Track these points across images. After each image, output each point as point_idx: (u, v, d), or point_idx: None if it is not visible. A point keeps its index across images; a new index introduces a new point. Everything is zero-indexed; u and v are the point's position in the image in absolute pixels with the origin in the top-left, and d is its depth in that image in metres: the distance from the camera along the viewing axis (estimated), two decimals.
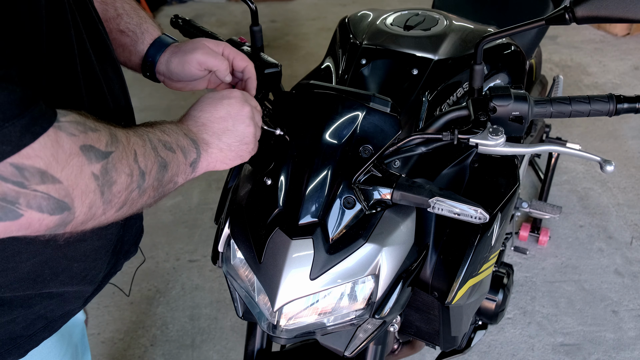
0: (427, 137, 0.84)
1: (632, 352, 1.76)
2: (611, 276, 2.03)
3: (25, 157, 0.46)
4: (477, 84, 0.90)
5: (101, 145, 0.53)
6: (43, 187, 0.48)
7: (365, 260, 0.80)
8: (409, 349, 1.28)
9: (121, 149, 0.56)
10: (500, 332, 1.85)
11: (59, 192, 0.49)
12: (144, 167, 0.59)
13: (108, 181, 0.54)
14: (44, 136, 0.47)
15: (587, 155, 0.77)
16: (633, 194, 2.40)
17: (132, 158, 0.57)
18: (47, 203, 0.49)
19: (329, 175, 0.80)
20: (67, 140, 0.49)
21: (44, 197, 0.48)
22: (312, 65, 1.32)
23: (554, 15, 0.77)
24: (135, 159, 0.58)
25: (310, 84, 0.86)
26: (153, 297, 2.04)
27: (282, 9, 4.53)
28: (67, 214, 0.51)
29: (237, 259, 0.90)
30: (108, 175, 0.54)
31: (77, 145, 0.50)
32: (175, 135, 0.66)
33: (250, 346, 1.10)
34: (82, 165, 0.50)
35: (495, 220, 0.97)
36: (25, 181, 0.47)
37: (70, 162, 0.49)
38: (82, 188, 0.51)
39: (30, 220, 0.49)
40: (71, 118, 0.51)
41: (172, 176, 0.65)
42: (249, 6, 1.01)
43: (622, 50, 3.51)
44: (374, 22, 1.23)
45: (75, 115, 0.52)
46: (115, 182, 0.55)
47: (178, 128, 0.68)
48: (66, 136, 0.49)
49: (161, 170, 0.62)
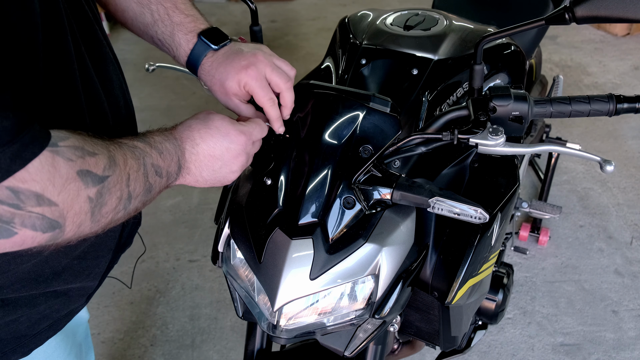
0: (427, 137, 0.84)
1: (632, 352, 1.76)
2: (611, 276, 2.03)
3: (21, 180, 0.47)
4: (477, 84, 0.90)
5: (98, 170, 0.54)
6: (38, 209, 0.49)
7: (365, 260, 0.80)
8: (409, 349, 1.28)
9: (117, 172, 0.57)
10: (500, 332, 1.85)
11: (54, 213, 0.50)
12: (133, 190, 0.60)
13: (100, 203, 0.55)
14: (41, 161, 0.48)
15: (587, 155, 0.77)
16: (633, 194, 2.40)
17: (125, 182, 0.58)
18: (40, 223, 0.50)
19: (329, 175, 0.80)
20: (65, 166, 0.50)
21: (38, 217, 0.49)
22: (312, 65, 1.32)
23: (554, 15, 0.77)
24: (128, 182, 0.59)
25: (310, 84, 0.86)
26: (153, 297, 2.04)
27: (282, 9, 4.53)
28: (58, 231, 0.52)
29: (237, 259, 0.90)
30: (102, 198, 0.55)
31: (74, 170, 0.51)
32: (169, 160, 0.67)
33: (250, 346, 1.10)
34: (78, 189, 0.51)
35: (495, 220, 0.97)
36: (21, 203, 0.48)
37: (67, 186, 0.50)
38: (76, 210, 0.52)
39: (24, 238, 0.50)
40: (69, 143, 0.52)
41: (152, 198, 0.66)
42: (249, 6, 1.01)
43: (622, 50, 3.51)
44: (374, 22, 1.23)
45: (74, 139, 0.52)
46: (106, 204, 0.56)
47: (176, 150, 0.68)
48: (64, 161, 0.50)
49: (146, 194, 0.63)
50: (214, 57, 0.82)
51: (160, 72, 1.14)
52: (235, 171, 0.76)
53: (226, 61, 0.81)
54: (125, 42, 3.95)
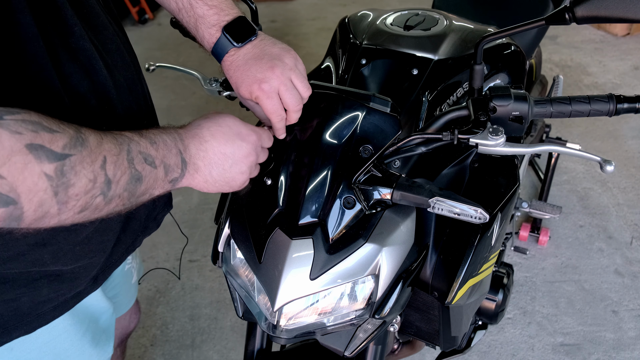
0: (427, 137, 0.84)
1: (632, 352, 1.76)
2: (611, 276, 2.03)
3: None
4: (477, 84, 0.90)
5: (56, 147, 0.53)
6: None
7: (365, 260, 0.80)
8: (409, 349, 1.28)
9: (85, 153, 0.55)
10: (500, 332, 1.85)
11: (3, 187, 0.49)
12: (112, 175, 0.59)
13: (64, 183, 0.54)
14: None
15: (587, 155, 0.77)
16: (633, 194, 2.40)
17: (99, 165, 0.57)
18: None
19: (329, 175, 0.80)
20: (9, 138, 0.49)
21: None
22: (312, 65, 1.32)
23: (554, 15, 0.77)
24: (103, 166, 0.57)
25: (310, 84, 0.86)
26: (153, 297, 2.04)
27: (282, 9, 4.53)
28: (13, 208, 0.51)
29: (237, 259, 0.90)
30: (65, 177, 0.54)
31: (21, 143, 0.50)
32: (165, 151, 0.65)
33: (250, 346, 1.10)
34: (27, 163, 0.51)
35: (495, 220, 0.97)
36: None
37: (13, 159, 0.50)
38: (29, 185, 0.51)
39: None
40: (19, 117, 0.51)
41: (147, 189, 0.65)
42: (249, 6, 1.01)
43: (622, 50, 3.51)
44: (374, 22, 1.23)
45: (28, 115, 0.52)
46: (73, 184, 0.55)
47: (175, 142, 0.67)
48: (8, 134, 0.49)
49: (133, 182, 0.62)
50: (235, 55, 0.79)
51: (160, 72, 1.14)
52: (245, 172, 0.75)
53: (244, 66, 0.78)
54: None
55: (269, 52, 0.79)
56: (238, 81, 0.79)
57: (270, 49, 0.79)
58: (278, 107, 0.78)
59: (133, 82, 0.80)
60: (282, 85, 0.77)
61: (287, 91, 0.78)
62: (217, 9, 0.79)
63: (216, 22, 0.79)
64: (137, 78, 0.83)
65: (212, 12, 0.79)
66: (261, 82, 0.76)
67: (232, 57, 0.79)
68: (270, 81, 0.76)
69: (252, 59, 0.78)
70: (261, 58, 0.78)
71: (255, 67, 0.77)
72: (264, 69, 0.77)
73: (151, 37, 4.17)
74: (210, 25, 0.79)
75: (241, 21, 0.79)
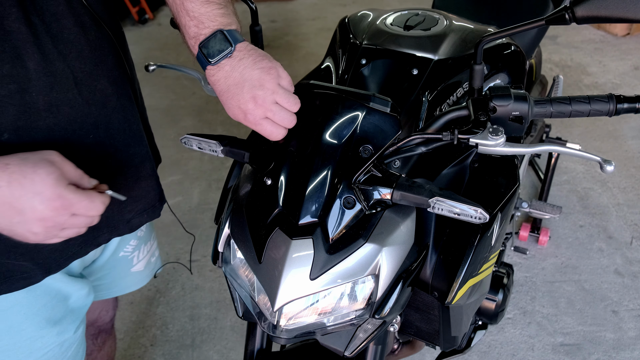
0: (427, 137, 0.84)
1: (632, 352, 1.76)
2: (611, 276, 2.03)
3: None
4: (477, 84, 0.90)
5: None
6: None
7: (365, 260, 0.80)
8: (409, 349, 1.28)
9: None
10: (500, 332, 1.85)
11: None
12: None
13: None
14: None
15: (587, 155, 0.77)
16: (633, 194, 2.40)
17: None
18: None
19: (329, 175, 0.80)
20: None
21: None
22: (312, 65, 1.32)
23: (554, 15, 0.77)
24: None
25: (310, 84, 0.86)
26: (153, 297, 2.04)
27: (282, 9, 4.53)
28: None
29: (237, 259, 0.90)
30: None
31: None
32: None
33: (250, 346, 1.10)
34: None
35: (495, 220, 0.97)
36: None
37: None
38: None
39: None
40: None
41: None
42: (249, 6, 1.01)
43: (622, 50, 3.51)
44: (374, 22, 1.23)
45: None
46: None
47: None
48: None
49: None
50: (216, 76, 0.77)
51: (160, 72, 1.14)
52: (38, 233, 0.67)
53: (227, 93, 0.77)
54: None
55: (248, 78, 0.76)
56: (224, 104, 0.79)
57: (250, 73, 0.76)
58: (271, 129, 0.79)
59: (86, 76, 0.78)
60: (268, 112, 0.77)
61: (275, 115, 0.78)
62: (196, 21, 0.76)
63: (194, 35, 0.77)
64: (97, 73, 0.80)
65: (192, 23, 0.77)
66: (246, 114, 0.77)
67: (213, 76, 0.78)
68: (254, 112, 0.77)
69: (234, 86, 0.76)
70: (242, 86, 0.76)
71: (237, 97, 0.76)
72: (246, 100, 0.76)
73: (151, 37, 4.17)
74: (190, 37, 0.78)
75: (217, 37, 0.76)
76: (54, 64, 0.73)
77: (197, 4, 0.76)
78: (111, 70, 0.84)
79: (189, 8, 0.76)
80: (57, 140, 0.76)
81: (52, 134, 0.76)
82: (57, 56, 0.74)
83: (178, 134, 2.93)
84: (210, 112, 3.13)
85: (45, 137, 0.75)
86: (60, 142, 0.76)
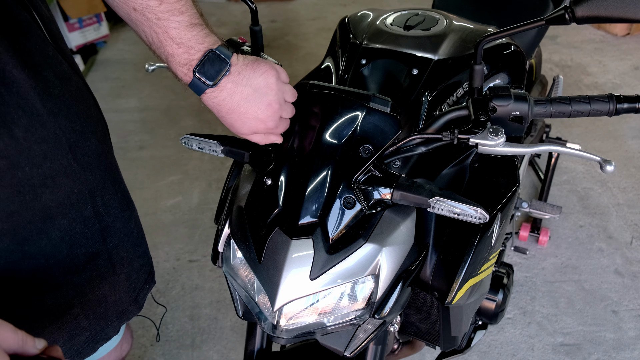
0: (427, 137, 0.84)
1: (632, 352, 1.76)
2: (611, 276, 2.03)
3: None
4: (477, 84, 0.90)
5: None
6: None
7: (365, 260, 0.80)
8: (409, 349, 1.28)
9: None
10: (500, 332, 1.85)
11: None
12: None
13: None
14: None
15: (587, 155, 0.77)
16: (633, 194, 2.40)
17: None
18: None
19: (328, 175, 0.80)
20: None
21: None
22: (312, 65, 1.32)
23: (554, 15, 0.77)
24: None
25: (310, 84, 0.86)
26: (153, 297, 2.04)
27: (282, 9, 4.53)
28: None
29: (237, 259, 0.90)
30: None
31: None
32: None
33: (250, 346, 1.10)
34: None
35: (495, 220, 0.97)
36: None
37: None
38: None
39: None
40: None
41: None
42: (249, 6, 1.00)
43: (622, 50, 3.51)
44: (374, 22, 1.23)
45: None
46: None
47: None
48: None
49: None
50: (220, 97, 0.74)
51: (160, 72, 1.14)
52: None
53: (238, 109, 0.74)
54: (125, 42, 3.95)
55: (256, 88, 0.74)
56: (234, 122, 0.76)
57: (256, 82, 0.74)
58: (285, 126, 0.80)
59: (78, 136, 0.70)
60: (282, 112, 0.78)
61: (286, 111, 0.79)
62: (186, 47, 0.71)
63: (186, 62, 0.72)
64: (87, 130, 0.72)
65: (181, 50, 0.71)
66: (265, 122, 0.77)
67: (215, 99, 0.74)
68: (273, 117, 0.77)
69: (244, 101, 0.74)
70: (253, 98, 0.74)
71: (252, 109, 0.75)
72: (263, 109, 0.75)
73: None
74: (180, 65, 0.73)
75: (212, 56, 0.72)
76: (45, 127, 0.64)
77: (182, 30, 0.71)
78: (97, 124, 0.76)
79: (174, 36, 0.70)
80: (54, 220, 0.66)
81: (49, 214, 0.66)
82: (48, 117, 0.65)
83: (178, 134, 2.93)
84: (210, 112, 3.10)
85: (42, 219, 0.65)
86: (58, 224, 0.67)
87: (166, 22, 0.69)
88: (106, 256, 0.75)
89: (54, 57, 0.67)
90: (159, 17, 0.69)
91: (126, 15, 0.71)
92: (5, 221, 0.62)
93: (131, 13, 0.70)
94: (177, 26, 0.70)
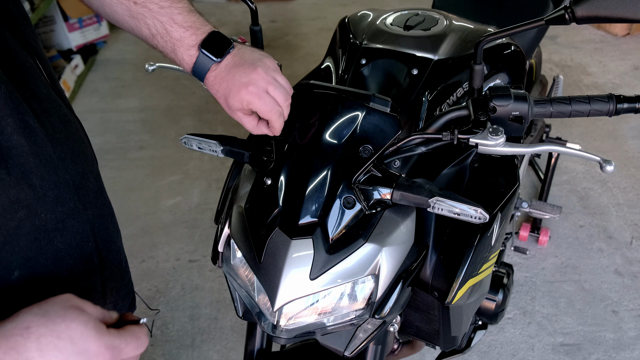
0: (427, 137, 0.84)
1: (632, 352, 1.76)
2: (611, 276, 2.03)
3: None
4: (477, 84, 0.90)
5: None
6: None
7: (365, 260, 0.80)
8: (409, 349, 1.28)
9: None
10: (500, 332, 1.85)
11: None
12: None
13: None
14: None
15: (587, 155, 0.77)
16: (633, 194, 2.40)
17: None
18: None
19: (328, 175, 0.80)
20: None
21: None
22: (312, 65, 1.32)
23: (554, 15, 0.77)
24: None
25: (310, 84, 0.86)
26: (153, 297, 2.04)
27: (282, 9, 4.53)
28: None
29: (237, 259, 0.90)
30: None
31: None
32: None
33: (250, 346, 1.10)
34: None
35: (495, 220, 0.97)
36: None
37: None
38: None
39: None
40: None
41: None
42: (249, 6, 1.01)
43: (622, 50, 3.51)
44: (374, 22, 1.23)
45: None
46: None
47: None
48: None
49: None
50: (217, 69, 0.79)
51: (160, 72, 1.14)
52: None
53: (228, 76, 0.78)
54: (125, 42, 3.95)
55: (248, 58, 0.79)
56: (225, 92, 0.79)
57: (250, 55, 0.80)
58: (272, 104, 0.79)
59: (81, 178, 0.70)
60: (269, 84, 0.78)
61: (275, 89, 0.79)
62: (193, 29, 0.78)
63: (195, 43, 0.78)
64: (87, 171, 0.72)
65: (189, 33, 0.78)
66: (248, 85, 0.77)
67: (215, 71, 0.79)
68: (256, 82, 0.77)
69: (234, 67, 0.78)
70: (242, 64, 0.78)
71: (238, 73, 0.78)
72: (248, 72, 0.77)
73: None
74: (189, 47, 0.78)
75: (215, 35, 0.79)
76: (57, 173, 0.64)
77: (185, 15, 0.78)
78: (92, 163, 0.76)
79: (180, 20, 0.77)
80: (63, 261, 0.66)
81: (59, 256, 0.66)
82: (58, 162, 0.64)
83: (178, 134, 2.92)
84: (210, 112, 3.12)
85: (54, 262, 0.65)
86: (66, 264, 0.67)
87: (169, 9, 0.76)
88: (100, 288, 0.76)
89: (56, 101, 0.68)
90: (162, 5, 0.76)
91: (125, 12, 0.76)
92: (23, 267, 0.62)
93: (132, 8, 0.75)
94: (180, 12, 0.77)
